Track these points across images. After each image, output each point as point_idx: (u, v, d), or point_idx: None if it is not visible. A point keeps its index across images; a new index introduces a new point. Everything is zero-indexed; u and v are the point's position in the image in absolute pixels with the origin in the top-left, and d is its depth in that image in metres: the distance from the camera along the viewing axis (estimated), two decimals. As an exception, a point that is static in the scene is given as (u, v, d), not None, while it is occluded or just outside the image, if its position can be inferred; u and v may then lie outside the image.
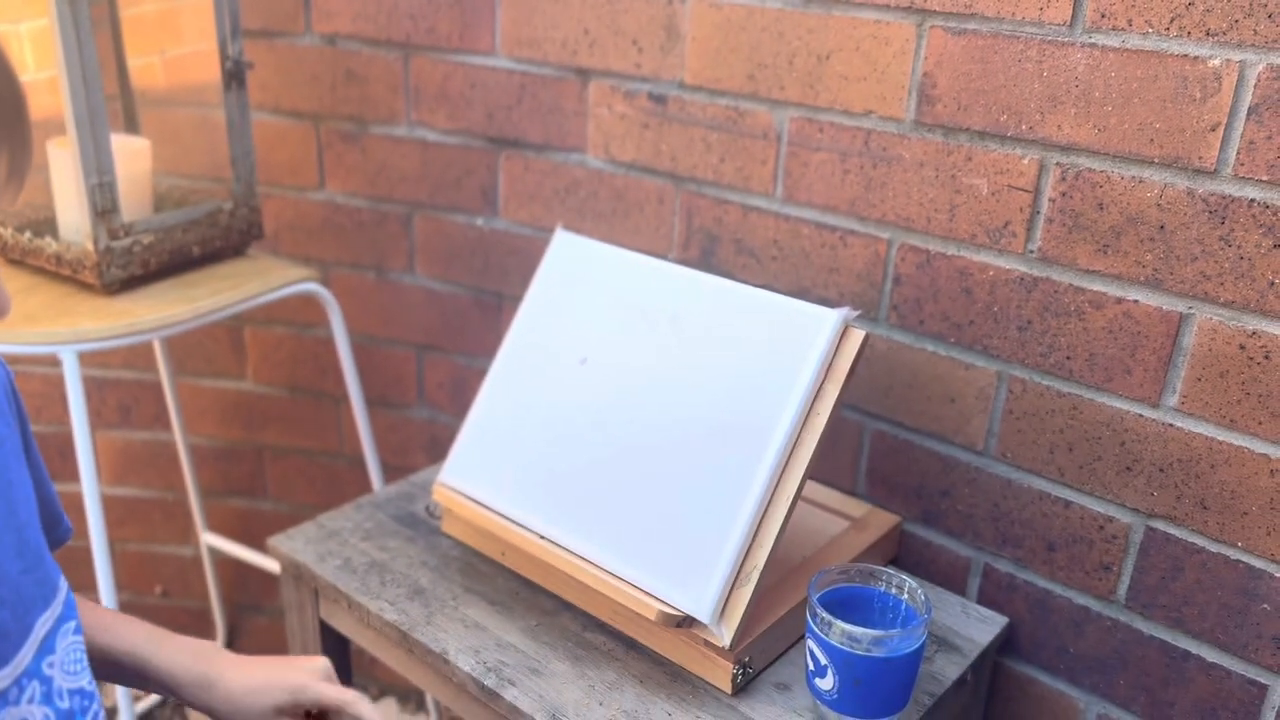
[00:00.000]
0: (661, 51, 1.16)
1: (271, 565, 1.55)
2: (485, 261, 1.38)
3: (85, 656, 0.65)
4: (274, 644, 1.75)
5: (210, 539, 1.64)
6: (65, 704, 0.62)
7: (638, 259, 1.04)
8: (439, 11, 1.28)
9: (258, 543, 1.61)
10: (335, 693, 0.76)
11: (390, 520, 1.13)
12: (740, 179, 1.15)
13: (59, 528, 0.74)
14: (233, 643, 1.77)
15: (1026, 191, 0.96)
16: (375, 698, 1.72)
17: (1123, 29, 0.87)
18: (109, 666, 0.75)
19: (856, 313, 0.91)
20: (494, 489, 1.03)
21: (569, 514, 0.97)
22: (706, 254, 1.20)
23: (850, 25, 1.02)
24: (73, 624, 0.64)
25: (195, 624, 1.75)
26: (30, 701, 0.59)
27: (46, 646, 0.61)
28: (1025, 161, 0.95)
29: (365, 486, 1.54)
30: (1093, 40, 0.89)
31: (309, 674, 0.77)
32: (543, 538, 0.98)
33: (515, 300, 1.37)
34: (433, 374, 1.49)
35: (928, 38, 0.98)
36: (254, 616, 1.75)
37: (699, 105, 1.15)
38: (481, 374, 1.43)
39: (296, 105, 1.39)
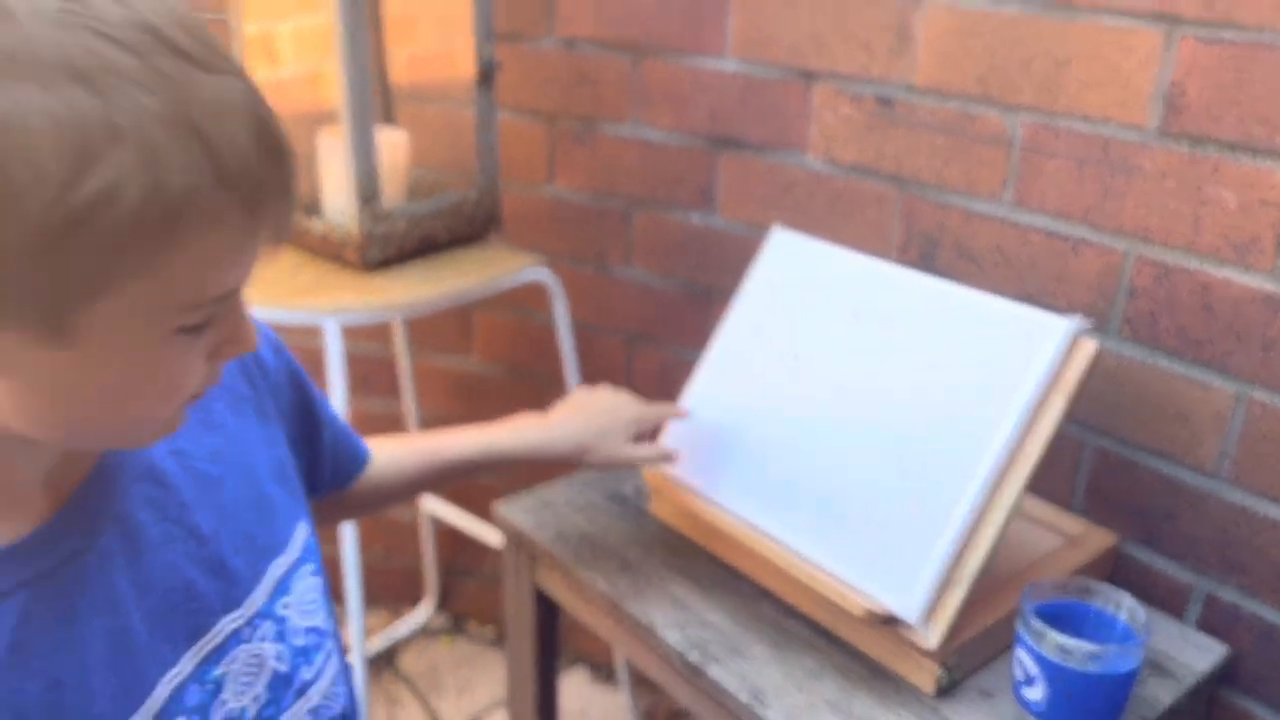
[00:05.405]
0: (891, 54, 1.17)
1: (482, 533, 1.65)
2: (700, 257, 1.43)
3: (321, 597, 0.69)
4: (484, 607, 1.87)
5: (430, 504, 1.77)
6: (300, 641, 0.66)
7: (856, 258, 1.06)
8: (671, 16, 1.34)
9: (472, 511, 1.72)
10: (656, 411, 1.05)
11: (600, 497, 1.19)
12: (965, 183, 1.14)
13: (357, 459, 0.85)
14: (444, 605, 1.90)
15: (1278, 207, 0.91)
16: (568, 666, 1.81)
17: (1404, 36, 0.82)
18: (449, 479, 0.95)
19: (1089, 323, 0.90)
20: (702, 475, 1.07)
21: (776, 504, 1.00)
22: (926, 257, 1.20)
23: (1092, 32, 1.00)
24: (311, 566, 0.68)
25: (407, 584, 1.89)
26: (264, 640, 0.63)
27: (281, 589, 0.65)
28: (1278, 176, 0.91)
29: (573, 465, 1.61)
30: (1368, 48, 0.84)
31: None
32: (749, 525, 1.01)
33: (725, 295, 1.40)
34: (641, 363, 1.55)
35: (1178, 46, 0.95)
36: (464, 580, 1.87)
37: (927, 109, 1.15)
38: (687, 365, 1.47)
39: (535, 105, 1.48)
